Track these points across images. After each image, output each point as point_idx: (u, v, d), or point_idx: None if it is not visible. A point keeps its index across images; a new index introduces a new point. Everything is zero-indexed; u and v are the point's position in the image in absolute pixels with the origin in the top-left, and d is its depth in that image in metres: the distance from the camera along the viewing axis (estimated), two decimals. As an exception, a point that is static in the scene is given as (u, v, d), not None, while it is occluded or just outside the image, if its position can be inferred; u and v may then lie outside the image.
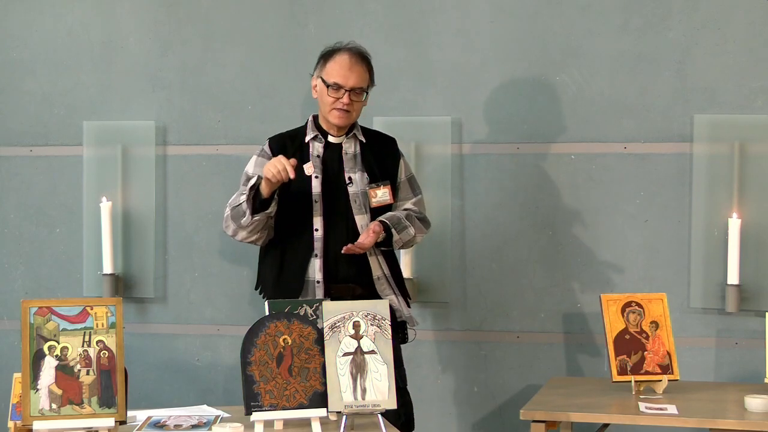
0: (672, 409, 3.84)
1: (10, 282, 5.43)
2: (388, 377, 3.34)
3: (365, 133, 4.36)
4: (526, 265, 4.97)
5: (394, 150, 4.40)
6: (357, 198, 4.22)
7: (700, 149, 4.79)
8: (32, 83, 5.40)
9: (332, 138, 4.28)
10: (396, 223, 4.22)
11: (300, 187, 4.17)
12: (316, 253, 4.16)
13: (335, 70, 4.20)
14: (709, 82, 4.79)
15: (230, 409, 3.65)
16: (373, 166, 4.28)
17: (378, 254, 4.24)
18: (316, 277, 4.14)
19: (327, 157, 4.26)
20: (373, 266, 4.23)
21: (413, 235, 4.29)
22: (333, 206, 4.21)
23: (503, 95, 4.98)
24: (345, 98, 4.17)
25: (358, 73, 4.20)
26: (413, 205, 4.37)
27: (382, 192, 4.24)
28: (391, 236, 4.19)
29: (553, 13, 4.93)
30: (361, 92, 4.22)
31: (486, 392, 5.02)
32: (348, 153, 4.27)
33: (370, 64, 4.28)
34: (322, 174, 4.22)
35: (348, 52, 4.23)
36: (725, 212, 4.73)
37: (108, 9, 5.32)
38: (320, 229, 4.17)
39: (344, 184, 4.23)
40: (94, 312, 3.30)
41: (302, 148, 4.26)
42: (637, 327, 4.17)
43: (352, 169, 4.25)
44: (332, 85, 4.18)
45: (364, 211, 4.22)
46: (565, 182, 4.93)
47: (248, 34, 5.22)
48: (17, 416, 3.27)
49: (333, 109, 4.20)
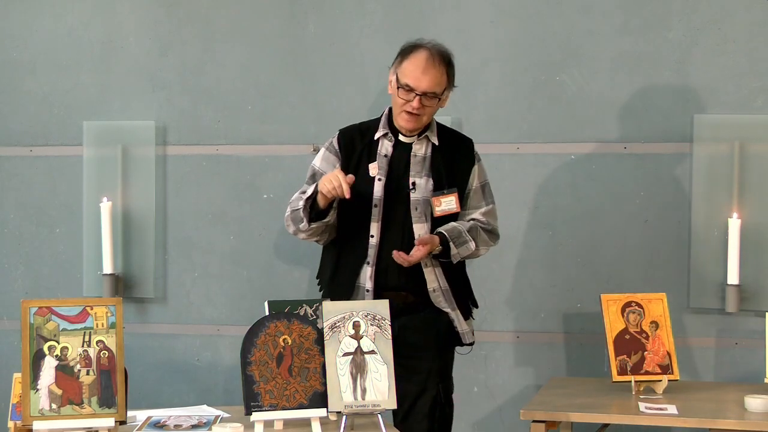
0: (672, 409, 3.84)
1: (10, 282, 5.43)
2: (388, 377, 3.34)
3: (441, 133, 4.11)
4: (526, 265, 4.97)
5: (469, 154, 4.14)
6: (418, 205, 3.99)
7: (700, 149, 4.79)
8: (32, 83, 5.40)
9: (403, 137, 4.05)
10: (456, 237, 3.97)
11: (363, 188, 3.97)
12: (369, 261, 3.97)
13: (409, 70, 3.96)
14: (709, 82, 4.79)
15: (230, 409, 3.65)
16: (441, 172, 4.03)
17: (436, 266, 4.01)
18: (366, 285, 3.97)
19: (395, 157, 4.04)
20: (428, 278, 4.00)
21: (473, 250, 4.03)
22: (392, 212, 4.00)
23: (503, 95, 4.98)
24: (415, 102, 3.93)
25: (432, 77, 3.95)
26: (482, 215, 4.12)
27: (447, 200, 4.01)
28: (448, 249, 3.96)
29: (553, 13, 4.93)
30: (434, 97, 3.96)
31: (486, 392, 5.02)
32: (417, 155, 4.04)
33: (451, 64, 4.05)
34: (387, 176, 4.01)
35: (426, 52, 3.98)
36: (725, 212, 4.72)
37: (108, 9, 5.32)
38: (376, 236, 3.97)
39: (407, 188, 4.00)
40: (94, 312, 3.30)
41: (371, 145, 4.06)
42: (637, 327, 4.17)
43: (418, 173, 4.02)
44: (404, 86, 3.95)
45: (425, 219, 3.99)
46: (565, 182, 4.93)
47: (248, 34, 5.22)
48: (17, 416, 3.27)
49: (402, 111, 3.98)
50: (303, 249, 5.13)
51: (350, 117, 5.04)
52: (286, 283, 5.15)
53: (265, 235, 5.17)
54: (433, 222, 4.00)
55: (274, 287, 5.06)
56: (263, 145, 5.17)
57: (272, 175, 5.16)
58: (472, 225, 4.07)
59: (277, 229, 5.12)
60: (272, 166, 5.17)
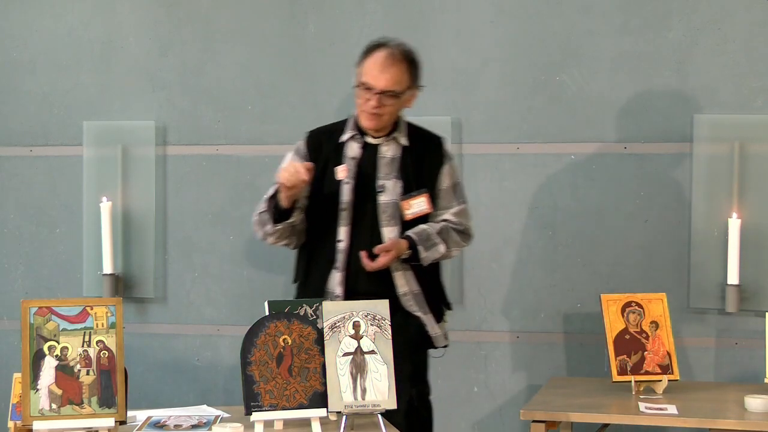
0: (672, 409, 3.84)
1: (10, 282, 5.43)
2: (388, 377, 3.34)
3: (411, 133, 4.06)
4: (526, 265, 4.97)
5: (440, 153, 4.08)
6: (387, 208, 3.95)
7: (699, 149, 4.79)
8: (32, 83, 5.40)
9: (371, 139, 4.01)
10: (424, 240, 3.93)
11: (330, 192, 3.95)
12: (337, 266, 3.94)
13: (368, 68, 3.92)
14: (708, 82, 4.79)
15: (230, 409, 3.65)
16: (410, 174, 3.99)
17: (406, 269, 3.97)
18: (335, 291, 3.94)
19: (363, 159, 3.99)
20: (398, 282, 3.96)
21: (444, 252, 3.99)
22: (361, 215, 3.95)
23: (503, 95, 4.98)
24: (374, 101, 3.89)
25: (391, 75, 3.90)
26: (453, 216, 4.06)
27: (417, 202, 3.96)
28: (417, 253, 3.93)
29: (553, 13, 4.93)
30: (394, 96, 3.91)
31: (486, 392, 5.02)
32: (385, 157, 3.99)
33: (413, 63, 4.00)
34: (355, 179, 3.96)
35: (386, 50, 3.93)
36: (725, 212, 4.73)
37: (108, 9, 5.32)
38: (344, 241, 3.93)
39: (375, 191, 3.96)
40: (94, 312, 3.30)
41: (338, 148, 4.01)
42: (637, 327, 4.17)
43: (387, 175, 3.97)
44: (363, 84, 3.92)
45: (395, 222, 3.94)
46: (565, 182, 4.93)
47: (248, 34, 5.22)
48: (17, 416, 3.27)
49: (363, 110, 3.95)
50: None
51: (350, 117, 5.05)
52: (286, 283, 5.14)
53: (265, 235, 5.17)
54: (403, 224, 3.96)
55: (274, 287, 5.06)
56: (263, 145, 5.17)
57: (272, 175, 5.10)
58: (443, 226, 4.02)
59: (277, 229, 5.12)
60: (272, 166, 5.14)
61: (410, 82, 3.98)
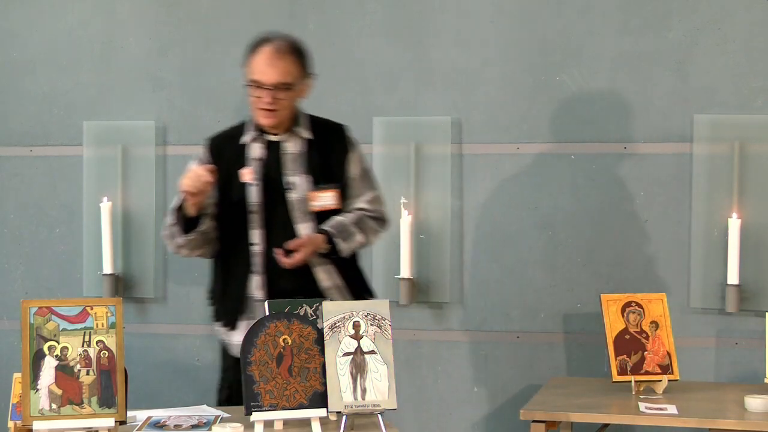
0: (672, 409, 3.84)
1: (10, 282, 5.43)
2: (388, 377, 3.34)
3: (313, 125, 3.98)
4: (526, 265, 4.97)
5: (343, 142, 4.02)
6: (299, 205, 3.89)
7: (699, 149, 4.79)
8: (32, 83, 5.40)
9: (272, 137, 3.93)
10: (341, 231, 3.89)
11: (238, 196, 3.88)
12: (255, 270, 3.88)
13: (256, 65, 3.87)
14: (709, 82, 4.79)
15: (230, 409, 3.65)
16: (317, 166, 3.92)
17: (326, 263, 3.92)
18: (256, 295, 3.88)
19: (268, 159, 3.92)
20: (320, 277, 3.91)
21: (362, 241, 3.96)
22: (273, 216, 3.89)
23: (503, 95, 4.98)
24: (266, 96, 3.82)
25: (279, 68, 3.83)
26: (368, 203, 4.01)
27: (325, 196, 3.91)
28: (336, 245, 3.87)
29: (553, 13, 4.93)
30: (287, 88, 3.84)
31: (486, 392, 5.02)
32: (289, 153, 3.93)
33: (301, 53, 3.93)
34: (262, 179, 3.89)
35: (271, 45, 3.88)
36: (725, 212, 4.72)
37: (108, 9, 5.32)
38: (259, 243, 3.87)
39: (284, 189, 3.90)
40: (94, 312, 3.29)
41: (240, 150, 3.94)
42: (637, 327, 4.17)
43: (293, 171, 3.91)
44: (253, 82, 3.86)
45: (308, 218, 3.90)
46: (565, 182, 4.93)
47: (248, 33, 5.19)
48: (17, 416, 3.27)
49: (257, 109, 3.87)
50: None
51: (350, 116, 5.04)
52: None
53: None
54: (317, 220, 3.91)
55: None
56: (263, 145, 5.17)
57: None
58: (358, 215, 3.96)
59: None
60: (272, 166, 5.17)
61: (301, 73, 3.91)
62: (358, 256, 4.12)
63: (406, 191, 5.00)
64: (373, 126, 5.05)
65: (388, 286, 4.99)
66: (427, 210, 5.02)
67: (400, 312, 4.95)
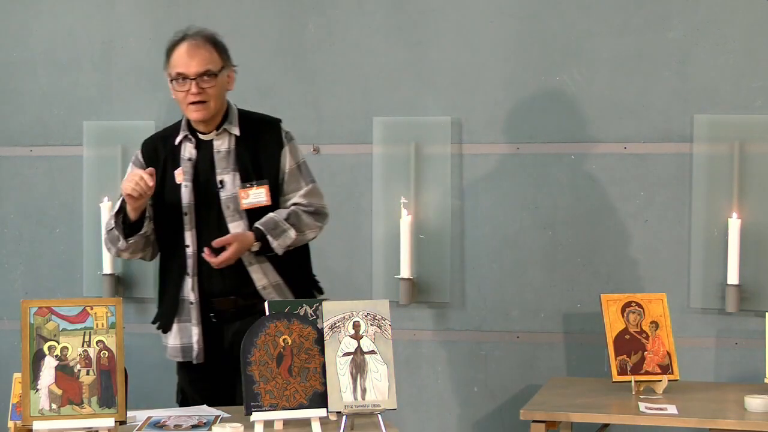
0: (672, 409, 3.84)
1: (10, 282, 5.43)
2: (388, 377, 3.34)
3: (244, 122, 3.95)
4: (526, 265, 4.97)
5: (275, 137, 3.96)
6: (230, 203, 3.85)
7: (699, 149, 4.79)
8: (32, 83, 5.40)
9: (203, 135, 3.91)
10: (272, 228, 3.83)
11: (172, 198, 3.86)
12: (189, 272, 3.86)
13: (176, 60, 3.86)
14: (709, 82, 4.79)
15: (230, 409, 3.65)
16: (248, 164, 3.89)
17: (262, 262, 3.87)
18: (189, 298, 3.87)
19: (198, 158, 3.90)
20: (255, 276, 3.88)
21: (296, 237, 3.88)
22: (205, 216, 3.86)
23: (503, 95, 4.98)
24: (193, 87, 3.81)
25: (200, 57, 3.84)
26: (303, 198, 3.94)
27: (256, 193, 3.85)
28: (268, 243, 3.83)
29: (552, 13, 4.92)
30: (211, 76, 3.84)
31: (486, 392, 5.02)
32: (220, 151, 3.90)
33: (217, 43, 3.93)
34: (193, 180, 3.87)
35: (186, 40, 3.88)
36: (725, 212, 4.72)
37: (108, 9, 5.32)
38: (192, 245, 3.85)
39: (215, 188, 3.86)
40: (94, 312, 3.30)
41: (174, 151, 3.93)
42: (637, 327, 4.17)
43: (224, 170, 3.88)
44: (177, 77, 3.85)
45: (240, 217, 3.85)
46: (565, 182, 4.93)
47: (248, 34, 5.22)
48: (17, 416, 3.27)
49: (187, 104, 3.85)
50: (303, 249, 5.13)
51: (350, 116, 5.06)
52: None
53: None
54: (249, 218, 3.86)
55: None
56: (263, 145, 5.16)
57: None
58: (291, 211, 3.90)
59: (277, 229, 5.12)
60: (272, 166, 5.16)
61: (223, 62, 3.92)
62: (306, 253, 4.06)
63: (406, 191, 5.00)
64: (373, 126, 5.05)
65: (388, 286, 4.99)
66: (427, 210, 5.02)
67: (400, 312, 4.95)
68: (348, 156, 5.10)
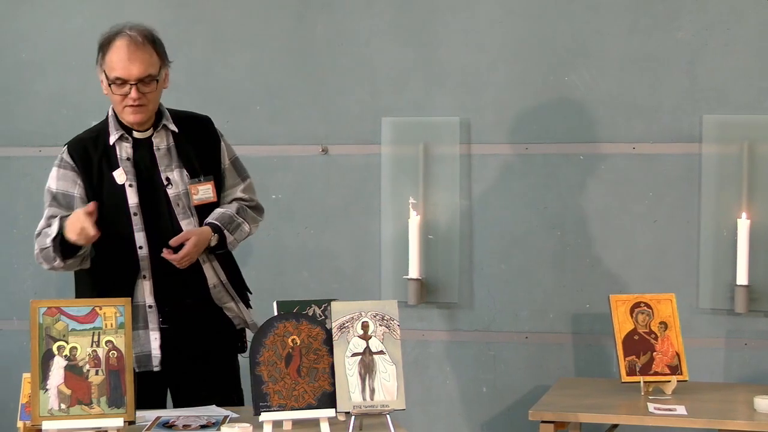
0: (681, 409, 3.84)
1: (20, 282, 5.44)
2: (396, 378, 3.34)
3: (176, 118, 3.85)
4: (535, 266, 4.97)
5: (211, 132, 3.91)
6: (180, 200, 3.75)
7: (709, 149, 4.78)
8: (41, 84, 5.41)
9: (138, 134, 3.78)
10: (228, 223, 3.79)
11: (115, 200, 3.71)
12: (144, 274, 3.71)
13: (115, 62, 3.69)
14: (718, 82, 4.79)
15: (239, 409, 3.65)
16: (192, 158, 3.80)
17: (212, 260, 3.82)
18: (147, 302, 3.73)
19: (138, 157, 3.77)
20: (208, 274, 3.81)
21: (248, 231, 3.87)
22: (155, 215, 3.74)
23: (512, 95, 4.98)
24: (133, 92, 3.67)
25: (141, 61, 3.69)
26: (242, 193, 3.92)
27: (204, 189, 3.79)
28: (224, 239, 3.77)
29: (561, 13, 4.92)
30: (152, 80, 3.71)
31: (494, 393, 5.02)
32: (160, 149, 3.78)
33: (156, 42, 3.80)
34: (137, 180, 3.74)
35: (126, 38, 3.71)
36: (734, 213, 4.72)
37: (116, 10, 5.32)
38: (144, 246, 3.70)
39: (162, 186, 3.74)
40: (103, 312, 3.30)
41: (108, 152, 3.76)
42: (646, 327, 4.17)
43: (168, 167, 3.77)
44: (115, 80, 3.70)
45: (190, 213, 3.77)
46: (574, 183, 4.93)
47: (256, 34, 5.22)
48: (26, 416, 3.27)
49: (123, 107, 3.72)
50: (312, 249, 5.14)
51: (359, 117, 5.06)
52: (294, 283, 5.15)
53: (274, 235, 5.17)
54: (199, 215, 3.79)
55: (282, 287, 5.06)
56: (272, 146, 5.17)
57: (281, 175, 5.16)
58: (239, 206, 3.87)
59: (285, 229, 5.12)
60: (281, 166, 5.17)
61: (161, 62, 3.80)
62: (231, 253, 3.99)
63: (415, 191, 5.00)
64: (381, 126, 5.05)
65: (397, 287, 5.00)
66: (435, 210, 5.02)
67: (408, 312, 4.95)
68: (356, 156, 5.11)
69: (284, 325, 3.34)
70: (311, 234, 5.17)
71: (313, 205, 5.16)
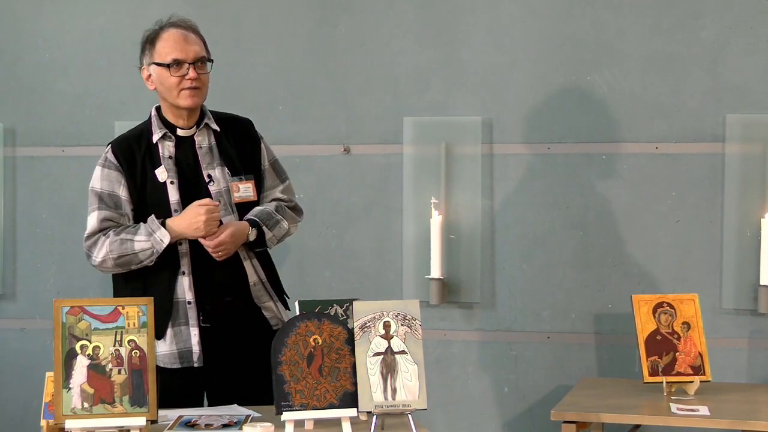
0: (704, 410, 3.82)
1: (43, 281, 5.46)
2: (418, 377, 3.33)
3: (218, 119, 3.92)
4: (557, 266, 4.96)
5: (252, 133, 3.98)
6: (221, 197, 3.80)
7: (732, 149, 4.76)
8: (65, 84, 5.43)
9: (182, 132, 3.84)
10: (267, 219, 3.84)
11: (158, 197, 3.78)
12: (184, 270, 3.76)
13: (169, 47, 3.79)
14: (741, 81, 4.77)
15: (261, 408, 3.66)
16: (233, 157, 3.86)
17: (252, 257, 3.86)
18: (186, 298, 3.76)
19: (180, 156, 3.83)
20: (248, 271, 3.84)
21: (287, 229, 3.92)
22: None
23: (534, 95, 4.97)
24: (191, 72, 3.75)
25: (195, 42, 3.81)
26: (282, 193, 3.98)
27: (245, 187, 3.84)
28: (263, 234, 3.81)
29: (584, 12, 4.91)
30: (205, 62, 3.81)
31: (516, 393, 5.01)
32: (202, 147, 3.85)
33: (201, 35, 3.90)
34: (178, 177, 3.80)
35: (175, 27, 3.83)
36: (758, 212, 4.70)
37: (139, 9, 5.34)
38: (185, 242, 3.74)
39: (204, 184, 3.81)
40: (126, 311, 3.31)
41: (151, 150, 3.82)
42: (669, 328, 4.15)
43: (210, 164, 3.83)
44: (172, 63, 3.76)
45: (231, 210, 3.82)
46: (596, 182, 4.92)
47: (279, 34, 5.23)
48: (50, 415, 3.29)
49: (181, 90, 3.77)
50: (334, 249, 5.14)
51: (381, 117, 5.07)
52: (316, 283, 5.15)
53: (296, 235, 5.15)
54: (240, 213, 3.83)
55: (304, 287, 5.06)
56: (294, 146, 5.18)
57: (303, 175, 5.17)
58: (277, 205, 3.93)
59: (307, 229, 5.12)
60: (303, 166, 5.18)
61: (207, 51, 3.89)
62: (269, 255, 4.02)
63: (437, 191, 5.00)
64: (403, 126, 5.05)
65: (419, 286, 5.00)
66: (457, 210, 5.01)
67: (430, 312, 4.95)
68: (378, 156, 5.11)
69: (306, 324, 3.35)
70: (333, 234, 5.17)
71: (334, 204, 5.16)
